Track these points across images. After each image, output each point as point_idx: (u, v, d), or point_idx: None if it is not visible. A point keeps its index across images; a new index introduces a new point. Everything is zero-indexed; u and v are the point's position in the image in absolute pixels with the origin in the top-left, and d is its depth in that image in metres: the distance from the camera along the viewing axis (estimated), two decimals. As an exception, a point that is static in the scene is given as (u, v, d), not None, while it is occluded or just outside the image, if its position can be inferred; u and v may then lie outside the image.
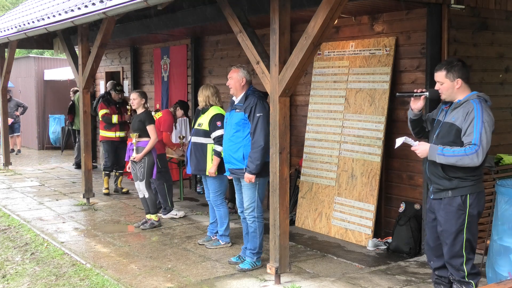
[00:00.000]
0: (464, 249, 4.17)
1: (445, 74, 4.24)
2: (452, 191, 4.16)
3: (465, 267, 4.19)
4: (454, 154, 4.03)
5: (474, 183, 4.15)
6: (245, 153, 5.63)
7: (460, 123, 4.12)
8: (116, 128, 9.60)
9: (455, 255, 4.20)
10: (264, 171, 5.51)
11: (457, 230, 4.16)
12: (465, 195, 4.13)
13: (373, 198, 6.52)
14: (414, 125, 4.56)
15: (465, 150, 4.00)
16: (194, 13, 7.76)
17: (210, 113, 6.35)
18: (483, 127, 4.01)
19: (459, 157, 4.01)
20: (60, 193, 9.92)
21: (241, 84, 5.74)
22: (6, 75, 12.67)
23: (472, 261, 4.23)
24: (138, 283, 5.35)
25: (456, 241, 4.18)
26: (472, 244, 4.23)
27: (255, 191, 5.65)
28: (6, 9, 29.72)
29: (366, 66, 6.74)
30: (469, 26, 6.29)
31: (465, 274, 4.20)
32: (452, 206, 4.16)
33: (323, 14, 4.59)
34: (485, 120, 4.03)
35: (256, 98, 5.64)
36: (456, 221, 4.16)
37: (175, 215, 7.94)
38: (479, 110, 4.06)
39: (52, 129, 17.12)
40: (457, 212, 4.15)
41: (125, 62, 12.69)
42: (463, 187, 4.13)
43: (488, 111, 4.11)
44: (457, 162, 4.03)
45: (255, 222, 5.69)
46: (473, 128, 4.02)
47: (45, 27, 8.22)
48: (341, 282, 5.29)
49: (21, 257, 6.31)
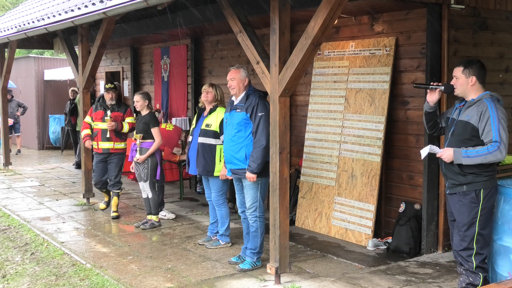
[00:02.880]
0: (475, 243, 4.32)
1: (462, 70, 4.45)
2: (467, 185, 4.33)
3: (474, 259, 4.34)
4: (478, 154, 4.21)
5: (488, 179, 4.32)
6: (247, 153, 5.63)
7: (475, 122, 4.29)
8: (98, 137, 7.93)
9: (465, 247, 4.36)
10: (266, 170, 5.50)
11: (470, 223, 4.32)
12: (479, 189, 4.31)
13: (373, 198, 6.52)
14: (428, 118, 4.73)
15: (487, 148, 4.19)
16: (194, 13, 7.76)
17: (220, 115, 6.28)
18: (500, 124, 4.20)
19: (483, 156, 4.20)
20: (60, 193, 9.92)
21: (244, 84, 5.75)
22: (6, 75, 12.67)
23: (483, 257, 4.36)
24: (138, 283, 5.35)
25: (468, 233, 4.33)
26: (485, 239, 4.36)
27: (257, 190, 5.66)
28: (6, 9, 29.72)
29: (366, 66, 6.74)
30: (469, 26, 6.29)
31: (473, 265, 4.35)
32: (465, 199, 4.34)
33: (323, 14, 4.60)
34: (500, 117, 4.22)
35: (257, 97, 5.64)
36: (469, 214, 4.32)
37: (164, 216, 7.89)
38: (493, 108, 4.24)
39: (52, 129, 17.12)
40: (469, 204, 4.31)
41: (125, 62, 12.70)
42: (477, 182, 4.31)
43: (502, 109, 4.31)
44: (483, 160, 4.22)
45: (256, 222, 5.70)
46: (490, 126, 4.20)
47: (45, 27, 8.23)
48: (341, 282, 5.29)
49: (21, 257, 6.31)
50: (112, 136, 7.89)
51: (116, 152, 7.98)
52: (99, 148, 7.97)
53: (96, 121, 8.01)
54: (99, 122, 7.96)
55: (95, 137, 8.00)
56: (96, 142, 7.98)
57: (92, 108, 8.23)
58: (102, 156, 7.99)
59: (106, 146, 7.93)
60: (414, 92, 6.32)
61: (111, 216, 7.94)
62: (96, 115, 8.03)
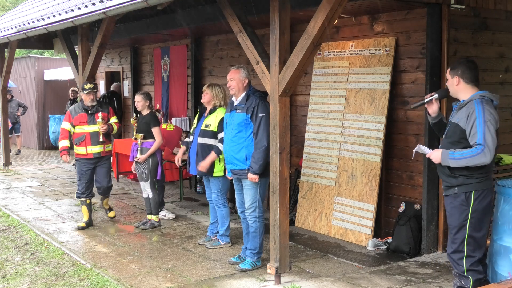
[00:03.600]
0: (466, 245, 4.23)
1: (449, 71, 4.44)
2: (458, 187, 4.26)
3: (464, 262, 4.26)
4: (464, 156, 4.15)
5: (480, 181, 4.23)
6: (247, 154, 5.62)
7: (463, 124, 4.22)
8: (87, 142, 7.32)
9: (455, 249, 4.29)
10: (267, 171, 5.50)
11: (459, 225, 4.26)
12: (469, 191, 4.23)
13: (373, 198, 6.52)
14: (437, 128, 4.68)
15: (472, 151, 4.12)
16: (194, 13, 7.76)
17: (219, 115, 6.29)
18: (486, 126, 4.10)
19: (468, 159, 4.13)
20: (60, 193, 9.92)
21: (244, 84, 5.74)
22: (6, 75, 12.67)
23: (474, 259, 4.27)
24: (138, 283, 5.35)
25: (458, 235, 4.27)
26: (478, 242, 4.27)
27: (257, 191, 5.66)
28: (6, 9, 29.72)
29: (366, 66, 6.74)
30: (469, 26, 6.30)
31: (463, 269, 4.27)
32: (456, 201, 4.27)
33: (323, 14, 4.60)
34: (487, 119, 4.12)
35: (258, 98, 5.64)
36: (459, 216, 4.26)
37: (164, 216, 7.89)
38: (480, 110, 4.15)
39: (52, 129, 17.11)
40: (460, 207, 4.25)
41: (125, 62, 12.70)
42: (468, 184, 4.23)
43: (491, 110, 4.19)
44: (468, 163, 4.14)
45: (256, 222, 5.69)
46: (476, 128, 4.12)
47: (45, 27, 8.22)
48: (341, 282, 5.29)
49: (21, 257, 6.31)
50: (103, 138, 7.35)
51: (106, 155, 7.51)
52: (89, 153, 7.30)
53: (81, 125, 7.32)
54: (85, 126, 7.31)
55: (81, 142, 7.30)
56: (84, 148, 7.29)
57: (69, 113, 7.43)
58: (93, 161, 7.37)
59: (97, 150, 7.33)
60: (414, 92, 6.32)
61: (109, 216, 7.82)
62: (78, 119, 7.33)
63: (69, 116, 7.41)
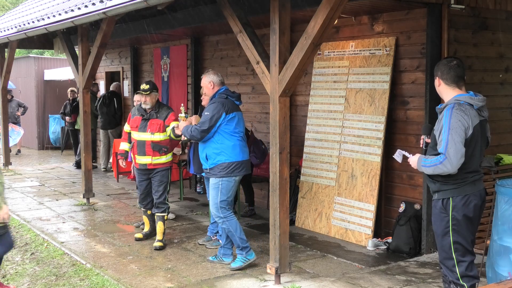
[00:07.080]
0: (454, 252, 4.06)
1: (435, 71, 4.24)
2: (437, 193, 4.11)
3: (457, 269, 4.09)
4: (431, 164, 3.98)
5: (457, 186, 4.02)
6: (207, 154, 5.74)
7: (436, 129, 4.06)
8: (134, 150, 6.57)
9: (445, 257, 4.14)
10: (228, 172, 5.62)
11: (443, 232, 4.09)
12: (446, 198, 4.04)
13: (373, 198, 6.52)
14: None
15: (436, 160, 3.95)
16: (194, 13, 7.76)
17: None
18: (450, 135, 3.87)
19: (433, 167, 3.97)
20: (60, 193, 9.92)
21: (211, 88, 5.86)
22: (6, 75, 12.67)
23: (466, 264, 4.08)
24: (138, 283, 5.35)
25: (444, 243, 4.11)
26: (465, 247, 4.08)
27: (218, 191, 5.69)
28: (6, 9, 29.72)
29: (366, 66, 6.74)
30: (469, 26, 6.30)
31: (458, 275, 4.10)
32: (436, 208, 4.13)
33: (323, 14, 4.60)
34: (452, 127, 3.88)
35: (216, 100, 5.74)
36: (440, 223, 4.09)
37: None
38: (448, 117, 3.92)
39: (52, 129, 17.13)
40: (439, 214, 4.09)
41: (125, 62, 12.70)
42: (445, 190, 4.05)
43: (460, 117, 3.89)
44: (434, 171, 3.99)
45: (225, 223, 5.70)
46: (442, 136, 3.93)
47: (45, 27, 8.23)
48: (341, 282, 5.30)
49: (21, 257, 6.31)
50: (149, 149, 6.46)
51: (157, 167, 6.52)
52: (136, 162, 6.57)
53: (133, 129, 6.57)
54: (135, 132, 6.52)
55: (131, 149, 6.63)
56: (133, 156, 6.59)
57: (130, 113, 6.76)
58: (144, 172, 6.57)
59: (143, 161, 6.48)
60: (414, 92, 6.32)
61: (154, 246, 6.44)
62: (133, 122, 6.57)
63: (129, 116, 6.73)
